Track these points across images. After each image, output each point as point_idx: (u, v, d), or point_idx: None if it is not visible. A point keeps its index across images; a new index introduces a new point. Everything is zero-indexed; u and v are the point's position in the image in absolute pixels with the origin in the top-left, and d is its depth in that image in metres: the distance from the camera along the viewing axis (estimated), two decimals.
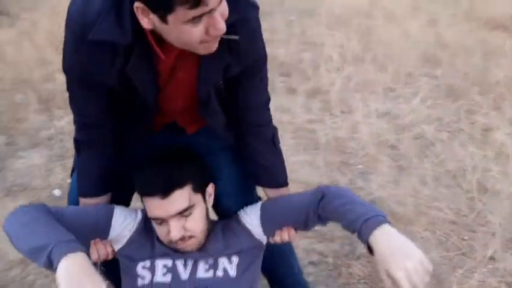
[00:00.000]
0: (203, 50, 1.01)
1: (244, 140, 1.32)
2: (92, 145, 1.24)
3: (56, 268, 0.97)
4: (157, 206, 1.15)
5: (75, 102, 1.19)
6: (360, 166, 2.58)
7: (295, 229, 1.31)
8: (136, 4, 0.92)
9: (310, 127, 2.96)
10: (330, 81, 3.48)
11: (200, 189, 1.22)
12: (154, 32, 0.99)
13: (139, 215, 1.28)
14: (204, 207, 1.24)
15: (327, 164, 2.57)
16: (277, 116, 3.04)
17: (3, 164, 2.68)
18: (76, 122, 1.23)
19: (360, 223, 1.10)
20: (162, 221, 1.17)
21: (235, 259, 1.26)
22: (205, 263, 1.24)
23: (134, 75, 1.07)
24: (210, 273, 1.23)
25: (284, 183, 1.38)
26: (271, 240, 1.33)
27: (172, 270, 1.23)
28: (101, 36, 0.99)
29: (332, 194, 1.24)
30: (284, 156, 1.36)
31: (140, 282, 1.22)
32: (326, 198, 1.23)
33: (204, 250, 1.25)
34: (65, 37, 1.06)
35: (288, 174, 1.33)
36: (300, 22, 4.85)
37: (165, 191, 1.14)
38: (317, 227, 1.43)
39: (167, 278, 1.22)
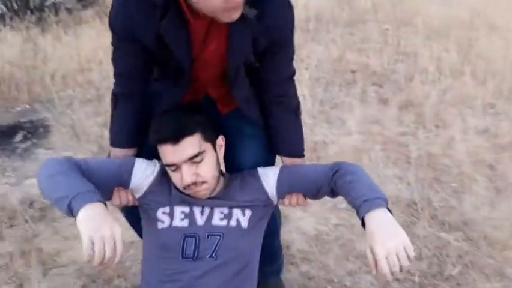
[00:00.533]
0: (226, 18, 1.10)
1: (268, 108, 1.39)
2: (128, 98, 1.35)
3: (76, 217, 1.09)
4: (169, 152, 1.24)
5: (117, 57, 1.30)
6: (454, 184, 2.48)
7: (305, 197, 1.39)
8: None
9: (402, 140, 2.90)
10: (425, 94, 3.37)
11: (210, 138, 1.32)
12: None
13: (158, 166, 1.37)
14: (214, 155, 1.33)
15: (418, 179, 2.50)
16: (367, 127, 3.05)
17: None
18: (115, 75, 1.34)
19: (361, 202, 1.17)
20: (176, 167, 1.26)
21: (248, 212, 1.35)
22: (221, 212, 1.34)
23: (168, 35, 1.17)
24: (224, 222, 1.33)
25: (301, 154, 1.45)
26: (280, 203, 1.40)
27: (190, 216, 1.33)
28: None
29: (344, 170, 1.30)
30: (373, 168, 1.37)
31: (160, 225, 1.32)
32: (338, 173, 1.29)
33: (221, 198, 1.35)
34: None
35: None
36: (395, 31, 4.75)
37: (176, 138, 1.23)
38: None
39: (185, 223, 1.32)
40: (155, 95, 1.36)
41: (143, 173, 1.35)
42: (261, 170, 1.40)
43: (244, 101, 1.38)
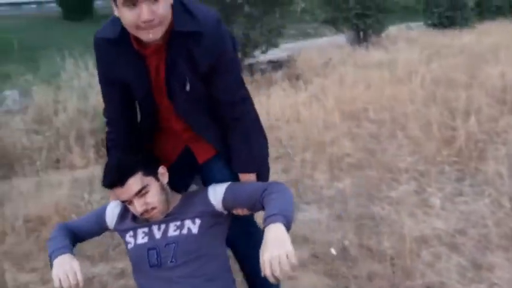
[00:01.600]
0: (143, 36, 1.31)
1: (226, 131, 1.60)
2: (115, 142, 1.67)
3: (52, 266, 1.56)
4: (119, 193, 1.57)
5: (104, 101, 1.59)
6: None
7: (248, 209, 1.64)
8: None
9: None
10: None
11: (151, 172, 1.60)
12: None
13: (120, 203, 1.69)
14: (157, 184, 1.61)
15: None
16: None
17: None
18: (105, 120, 1.65)
19: (267, 216, 1.43)
20: (129, 201, 1.58)
21: (198, 221, 1.61)
22: (174, 224, 1.62)
23: (123, 67, 1.42)
24: (177, 232, 1.60)
25: (252, 171, 1.65)
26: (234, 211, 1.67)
27: (149, 233, 1.62)
28: (101, 34, 1.44)
29: (270, 190, 1.55)
30: None
31: (129, 246, 1.66)
32: (266, 192, 1.55)
33: (175, 213, 1.63)
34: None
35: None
36: None
37: (121, 181, 1.54)
38: None
39: (145, 239, 1.62)
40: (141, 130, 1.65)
41: (113, 212, 1.73)
42: (210, 188, 1.67)
43: (199, 127, 1.59)
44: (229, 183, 1.67)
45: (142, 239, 1.63)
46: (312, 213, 3.06)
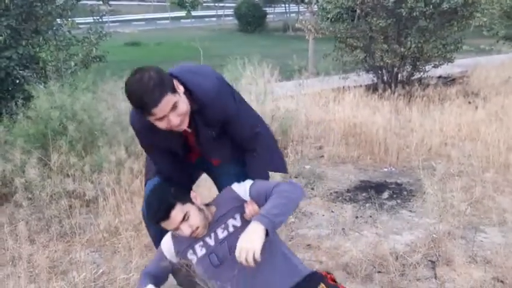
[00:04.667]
0: (176, 129, 1.75)
1: (245, 156, 2.03)
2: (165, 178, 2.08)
3: None
4: (166, 225, 1.87)
5: (152, 160, 2.10)
6: None
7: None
8: None
9: None
10: None
11: (186, 200, 1.89)
12: None
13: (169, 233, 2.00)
14: (195, 207, 1.89)
15: None
16: None
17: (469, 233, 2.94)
18: (155, 171, 2.09)
19: (258, 215, 1.78)
20: (176, 229, 1.87)
21: (237, 215, 1.91)
22: (220, 228, 1.91)
23: (165, 140, 1.87)
24: (226, 232, 1.90)
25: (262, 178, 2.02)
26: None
27: (204, 245, 1.91)
28: (140, 124, 1.84)
29: (279, 189, 1.86)
30: None
31: (194, 262, 1.92)
32: (274, 190, 1.86)
33: (216, 222, 1.92)
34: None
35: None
36: None
37: (166, 216, 1.83)
38: None
39: (204, 250, 1.91)
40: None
41: (168, 245, 2.00)
42: (234, 187, 1.98)
43: (222, 156, 2.07)
44: (249, 181, 1.99)
45: (200, 251, 1.92)
46: (494, 236, 2.90)
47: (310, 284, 1.81)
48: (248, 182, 1.98)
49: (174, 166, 2.03)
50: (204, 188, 2.64)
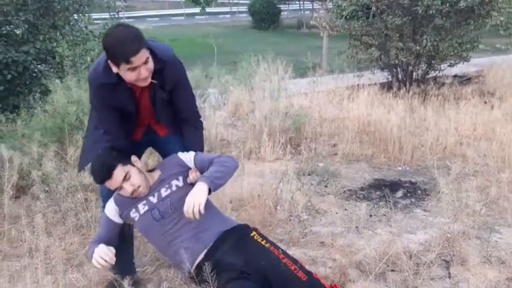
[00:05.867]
0: (141, 84, 1.96)
1: (182, 127, 2.28)
2: (112, 143, 2.16)
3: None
4: (110, 184, 2.06)
5: (100, 120, 2.18)
6: None
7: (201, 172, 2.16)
8: (108, 61, 1.92)
9: None
10: None
11: (127, 162, 2.10)
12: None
13: (112, 197, 2.18)
14: (135, 169, 2.10)
15: None
16: None
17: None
18: (102, 132, 2.17)
19: (201, 176, 2.08)
20: (119, 188, 2.07)
21: (180, 177, 2.16)
22: (164, 187, 2.13)
23: (120, 98, 2.05)
24: (168, 191, 2.13)
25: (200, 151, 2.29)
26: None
27: (147, 203, 2.12)
28: (100, 81, 2.01)
29: (218, 159, 2.14)
30: None
31: (136, 219, 2.13)
32: (215, 160, 2.13)
33: (160, 182, 2.15)
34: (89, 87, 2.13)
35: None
36: None
37: (109, 176, 2.03)
38: None
39: (146, 208, 2.11)
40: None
41: (111, 208, 2.17)
42: (180, 155, 2.21)
43: (168, 123, 2.27)
44: (193, 152, 2.22)
45: (143, 209, 2.12)
46: (509, 236, 2.88)
47: (240, 232, 2.11)
48: (192, 152, 2.23)
49: (121, 127, 2.19)
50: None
